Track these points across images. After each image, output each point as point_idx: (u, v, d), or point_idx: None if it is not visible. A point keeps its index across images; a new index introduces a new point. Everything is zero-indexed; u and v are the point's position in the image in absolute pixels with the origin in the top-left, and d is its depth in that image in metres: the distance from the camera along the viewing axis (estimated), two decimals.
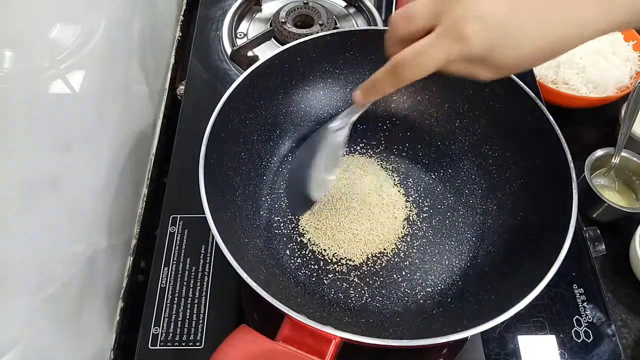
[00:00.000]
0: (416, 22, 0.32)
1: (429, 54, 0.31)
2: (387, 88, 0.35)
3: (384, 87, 0.35)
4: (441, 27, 0.31)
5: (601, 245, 0.54)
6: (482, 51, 0.30)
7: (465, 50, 0.30)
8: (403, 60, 0.32)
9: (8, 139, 0.35)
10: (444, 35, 0.31)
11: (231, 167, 0.50)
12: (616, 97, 0.72)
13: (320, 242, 0.50)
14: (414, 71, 0.32)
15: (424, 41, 0.31)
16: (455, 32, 0.30)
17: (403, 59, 0.32)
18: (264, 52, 0.69)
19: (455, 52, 0.30)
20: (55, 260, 0.42)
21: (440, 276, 0.49)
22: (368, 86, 0.37)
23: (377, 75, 0.35)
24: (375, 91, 0.37)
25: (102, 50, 0.51)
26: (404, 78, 0.33)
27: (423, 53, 0.31)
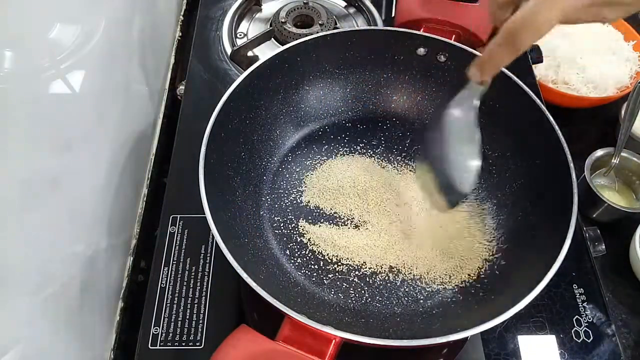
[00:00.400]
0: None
1: (544, 12, 0.29)
2: (506, 59, 0.33)
3: (503, 58, 0.33)
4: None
5: (601, 245, 0.54)
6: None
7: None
8: (519, 25, 0.30)
9: (8, 139, 0.35)
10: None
11: (231, 167, 0.50)
12: (616, 97, 0.72)
13: (320, 242, 0.50)
14: (532, 34, 0.30)
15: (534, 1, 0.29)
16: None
17: (519, 24, 0.30)
18: (264, 52, 0.69)
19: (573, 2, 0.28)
20: (55, 260, 0.42)
21: (440, 276, 0.49)
22: (484, 60, 0.34)
23: (493, 47, 0.33)
24: (493, 64, 0.34)
25: (102, 50, 0.51)
26: (523, 44, 0.31)
27: (538, 12, 0.29)
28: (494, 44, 0.32)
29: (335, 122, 0.59)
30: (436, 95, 0.58)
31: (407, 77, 0.58)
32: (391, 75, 0.58)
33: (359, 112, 0.59)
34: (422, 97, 0.58)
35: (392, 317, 0.46)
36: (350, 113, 0.59)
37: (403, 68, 0.58)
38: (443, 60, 0.55)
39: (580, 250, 0.53)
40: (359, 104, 0.59)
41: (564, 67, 0.74)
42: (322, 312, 0.45)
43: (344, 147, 0.57)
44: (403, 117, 0.59)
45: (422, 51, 0.56)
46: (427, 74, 0.57)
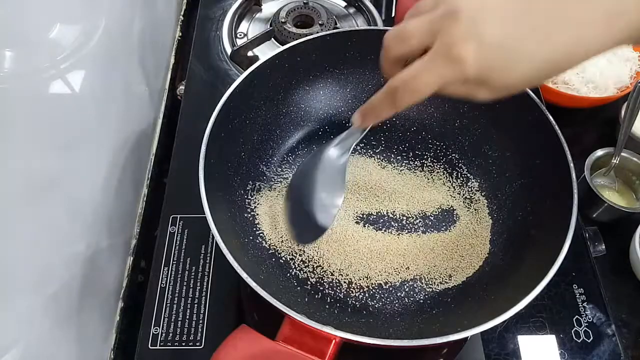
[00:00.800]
0: (411, 42, 0.31)
1: (423, 77, 0.30)
2: (385, 112, 0.35)
3: (382, 111, 0.35)
4: (436, 48, 0.29)
5: (601, 245, 0.54)
6: (479, 73, 0.29)
7: (461, 73, 0.29)
8: (399, 85, 0.31)
9: (8, 139, 0.35)
10: (439, 57, 0.29)
11: (231, 167, 0.50)
12: (616, 97, 0.72)
13: (319, 241, 0.50)
14: (410, 95, 0.31)
15: (418, 64, 0.30)
16: (450, 53, 0.29)
17: (399, 84, 0.31)
18: (264, 52, 0.69)
19: (451, 74, 0.29)
20: (55, 260, 0.42)
21: (440, 276, 0.49)
22: (367, 110, 0.36)
23: (375, 100, 0.35)
24: (374, 115, 0.36)
25: (102, 50, 0.51)
26: (401, 103, 0.32)
27: (418, 77, 0.30)
28: (377, 98, 0.34)
29: (335, 122, 0.59)
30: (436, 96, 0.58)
31: None
32: None
33: None
34: None
35: (392, 317, 0.46)
36: (350, 113, 0.59)
37: None
38: None
39: (580, 250, 0.53)
40: (359, 104, 0.59)
41: None
42: (322, 312, 0.45)
43: None
44: (403, 117, 0.59)
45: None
46: None
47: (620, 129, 0.65)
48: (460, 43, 0.28)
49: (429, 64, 0.30)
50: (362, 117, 0.37)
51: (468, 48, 0.28)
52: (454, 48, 0.29)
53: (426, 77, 0.30)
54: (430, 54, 0.30)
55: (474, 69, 0.29)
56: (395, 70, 0.33)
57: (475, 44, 0.28)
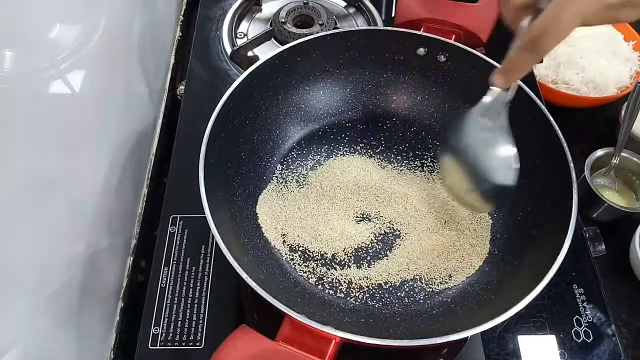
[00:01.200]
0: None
1: (564, 17, 0.29)
2: (529, 63, 0.34)
3: (525, 63, 0.34)
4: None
5: (601, 245, 0.54)
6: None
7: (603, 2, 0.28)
8: (539, 31, 0.30)
9: (8, 139, 0.35)
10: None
11: (231, 167, 0.50)
12: (616, 97, 0.72)
13: (320, 241, 0.50)
14: (554, 38, 0.30)
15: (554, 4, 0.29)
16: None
17: (541, 29, 0.30)
18: (264, 52, 0.69)
19: (592, 6, 0.28)
20: (55, 260, 0.42)
21: (440, 276, 0.49)
22: (508, 67, 0.35)
23: (515, 53, 0.34)
24: (517, 69, 0.35)
25: (102, 50, 0.51)
26: (544, 48, 0.32)
27: (557, 17, 0.29)
28: (517, 51, 0.33)
29: (335, 122, 0.59)
30: (436, 95, 0.58)
31: (407, 77, 0.58)
32: (391, 75, 0.58)
33: (359, 112, 0.59)
34: (422, 97, 0.58)
35: (392, 317, 0.46)
36: (350, 113, 0.59)
37: (403, 68, 0.58)
38: (443, 60, 0.56)
39: (580, 250, 0.53)
40: (359, 104, 0.59)
41: (563, 67, 0.74)
42: (322, 312, 0.45)
43: (344, 147, 0.57)
44: (403, 117, 0.59)
45: (422, 51, 0.56)
46: (427, 74, 0.57)
47: (620, 129, 0.65)
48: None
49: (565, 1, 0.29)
50: (505, 75, 0.36)
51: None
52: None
53: (566, 16, 0.29)
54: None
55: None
56: (521, 15, 0.32)
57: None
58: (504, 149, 0.42)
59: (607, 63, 0.74)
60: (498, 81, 0.37)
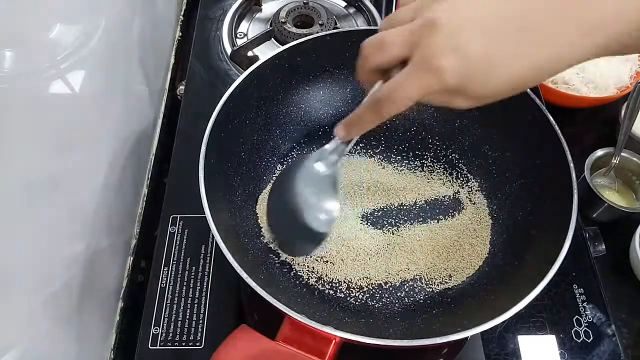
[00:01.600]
0: (390, 52, 0.32)
1: (405, 88, 0.31)
2: (370, 123, 0.35)
3: (366, 123, 0.35)
4: (416, 59, 0.30)
5: (601, 245, 0.54)
6: (458, 83, 0.30)
7: (441, 83, 0.30)
8: (382, 97, 0.32)
9: (8, 139, 0.35)
10: (419, 68, 0.30)
11: (231, 167, 0.50)
12: (616, 97, 0.72)
13: None
14: (393, 106, 0.32)
15: (399, 75, 0.31)
16: (430, 64, 0.29)
17: (382, 95, 0.32)
18: (264, 52, 0.69)
19: (432, 84, 0.30)
20: (55, 260, 0.42)
21: (440, 276, 0.49)
22: (351, 122, 0.37)
23: (358, 112, 0.35)
24: (358, 127, 0.36)
25: (102, 50, 0.51)
26: (384, 114, 0.33)
27: (400, 88, 0.31)
28: (361, 110, 0.35)
29: (335, 122, 0.58)
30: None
31: None
32: None
33: None
34: None
35: (392, 317, 0.46)
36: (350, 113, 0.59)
37: None
38: None
39: (580, 250, 0.53)
40: (359, 104, 0.59)
41: None
42: (322, 312, 0.45)
43: None
44: (403, 117, 0.59)
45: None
46: None
47: (620, 129, 0.65)
48: (439, 54, 0.29)
49: (411, 74, 0.30)
50: (347, 130, 0.37)
51: (447, 59, 0.29)
52: (434, 59, 0.29)
53: (408, 88, 0.31)
54: (411, 65, 0.30)
55: (454, 79, 0.29)
56: (372, 79, 0.34)
57: (454, 55, 0.29)
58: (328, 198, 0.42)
59: (607, 63, 0.74)
60: (340, 133, 0.38)
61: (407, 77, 0.30)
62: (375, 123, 0.35)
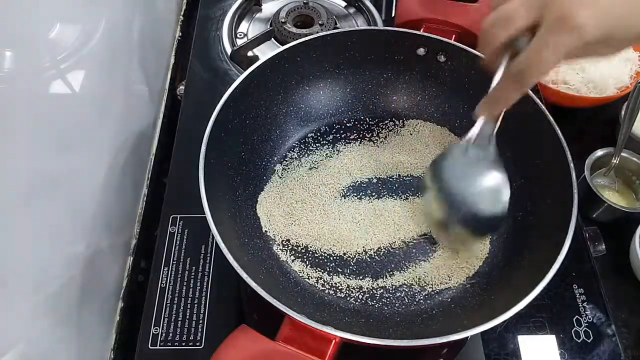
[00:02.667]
0: (517, 24, 0.31)
1: (548, 52, 0.30)
2: (514, 96, 0.35)
3: (510, 95, 0.35)
4: (550, 21, 0.30)
5: (601, 245, 0.54)
6: (600, 35, 0.29)
7: (583, 39, 0.29)
8: (524, 66, 0.32)
9: (8, 139, 0.35)
10: (557, 29, 0.29)
11: (231, 167, 0.50)
12: (616, 97, 0.72)
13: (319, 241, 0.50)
14: (537, 73, 0.32)
15: (537, 42, 0.30)
16: (567, 23, 0.29)
17: (525, 65, 0.31)
18: (264, 52, 0.69)
19: (574, 43, 0.29)
20: (55, 260, 0.42)
21: (440, 276, 0.49)
22: (493, 99, 0.36)
23: (499, 87, 0.35)
24: (502, 101, 0.36)
25: (102, 50, 0.51)
26: (529, 82, 0.33)
27: (541, 53, 0.30)
28: (502, 84, 0.34)
29: (335, 122, 0.59)
30: (436, 95, 0.58)
31: (407, 77, 0.58)
32: (391, 75, 0.58)
33: (359, 112, 0.59)
34: (422, 97, 0.58)
35: (392, 317, 0.46)
36: (350, 113, 0.59)
37: (403, 68, 0.58)
38: (443, 60, 0.55)
39: (580, 250, 0.53)
40: (359, 104, 0.59)
41: (564, 67, 0.74)
42: (322, 312, 0.45)
43: (344, 146, 0.57)
44: (403, 117, 0.59)
45: (422, 51, 0.56)
46: (427, 74, 0.57)
47: (620, 129, 0.65)
48: (573, 11, 0.29)
49: (550, 37, 0.30)
50: (490, 107, 0.37)
51: (584, 14, 0.29)
52: (569, 16, 0.29)
53: (550, 52, 0.30)
54: (546, 28, 0.30)
55: (595, 33, 0.29)
56: (501, 58, 0.33)
57: (589, 9, 0.28)
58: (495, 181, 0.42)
59: (607, 63, 0.74)
60: (484, 112, 0.38)
61: (546, 41, 0.30)
62: (519, 94, 0.34)
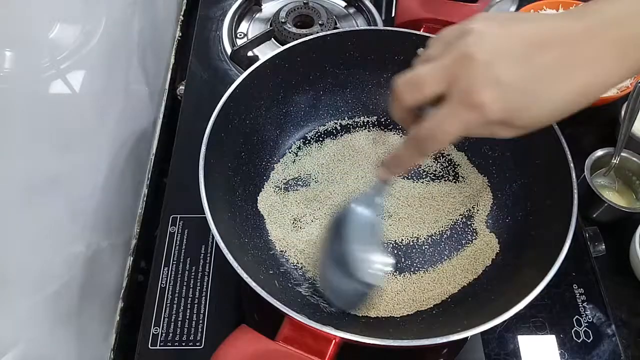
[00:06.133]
0: (425, 90, 0.31)
1: (447, 126, 0.30)
2: (412, 161, 0.35)
3: (408, 161, 0.35)
4: (455, 96, 0.30)
5: (601, 245, 0.54)
6: (501, 116, 0.29)
7: (483, 117, 0.29)
8: (424, 135, 0.32)
9: (8, 139, 0.35)
10: (460, 104, 0.29)
11: (231, 167, 0.50)
12: (616, 97, 0.72)
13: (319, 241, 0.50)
14: (435, 144, 0.32)
15: (440, 114, 0.30)
16: (470, 100, 0.29)
17: (424, 134, 0.32)
18: (264, 52, 0.69)
19: (474, 119, 0.29)
20: (55, 260, 0.42)
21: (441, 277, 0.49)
22: (392, 162, 0.36)
23: (399, 152, 0.35)
24: (400, 166, 0.36)
25: (102, 50, 0.51)
26: (426, 151, 0.33)
27: (441, 126, 0.31)
28: (402, 149, 0.34)
29: (335, 122, 0.59)
30: None
31: None
32: (391, 75, 0.58)
33: (359, 112, 0.59)
34: None
35: (391, 317, 0.46)
36: (350, 113, 0.59)
37: (403, 68, 0.57)
38: None
39: (580, 250, 0.53)
40: (359, 104, 0.59)
41: None
42: (322, 312, 0.45)
43: (344, 146, 0.57)
44: None
45: (422, 51, 0.55)
46: None
47: (620, 129, 0.65)
48: (479, 88, 0.29)
49: (451, 111, 0.30)
50: (388, 170, 0.37)
51: (487, 93, 0.28)
52: (473, 94, 0.29)
53: (450, 125, 0.30)
54: (450, 102, 0.30)
55: (496, 113, 0.29)
56: (409, 117, 0.34)
57: (493, 88, 0.28)
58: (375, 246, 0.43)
59: None
60: (382, 174, 0.38)
61: (448, 114, 0.30)
62: (417, 161, 0.35)
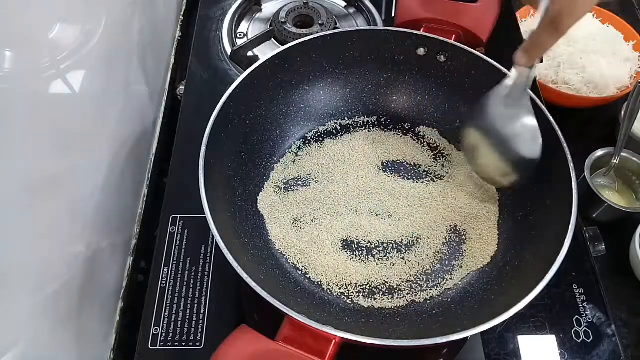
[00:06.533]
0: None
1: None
2: (550, 41, 0.35)
3: (547, 40, 0.35)
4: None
5: (601, 245, 0.54)
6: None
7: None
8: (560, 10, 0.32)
9: (8, 139, 0.35)
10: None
11: (231, 167, 0.50)
12: (616, 97, 0.72)
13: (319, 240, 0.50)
14: (572, 17, 0.32)
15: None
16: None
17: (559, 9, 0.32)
18: (264, 52, 0.68)
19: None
20: (55, 260, 0.42)
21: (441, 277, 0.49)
22: (530, 46, 0.37)
23: (537, 32, 0.35)
24: (539, 47, 0.36)
25: (102, 50, 0.51)
26: (566, 27, 0.33)
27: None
28: (539, 30, 0.35)
29: (335, 122, 0.59)
30: (436, 95, 0.58)
31: (407, 77, 0.58)
32: (391, 75, 0.58)
33: (359, 112, 0.59)
34: (422, 97, 0.58)
35: (392, 317, 0.46)
36: (350, 113, 0.59)
37: (403, 68, 0.58)
38: (443, 60, 0.55)
39: (580, 250, 0.53)
40: (359, 104, 0.59)
41: (564, 67, 0.74)
42: (322, 312, 0.45)
43: (344, 146, 0.57)
44: (403, 117, 0.59)
45: (422, 51, 0.56)
46: (427, 74, 0.57)
47: (620, 129, 0.65)
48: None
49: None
50: (527, 53, 0.37)
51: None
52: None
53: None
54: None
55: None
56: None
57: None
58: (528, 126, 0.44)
59: (607, 63, 0.74)
60: (521, 59, 0.38)
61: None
62: (556, 40, 0.35)
